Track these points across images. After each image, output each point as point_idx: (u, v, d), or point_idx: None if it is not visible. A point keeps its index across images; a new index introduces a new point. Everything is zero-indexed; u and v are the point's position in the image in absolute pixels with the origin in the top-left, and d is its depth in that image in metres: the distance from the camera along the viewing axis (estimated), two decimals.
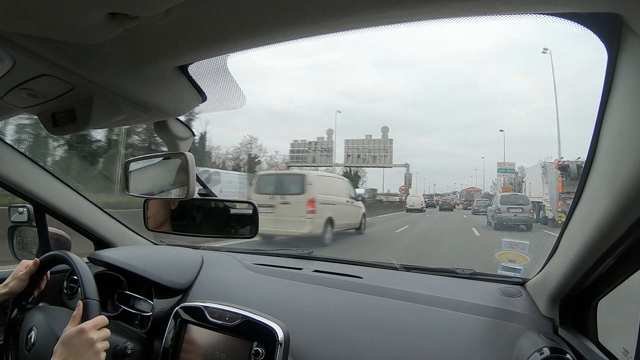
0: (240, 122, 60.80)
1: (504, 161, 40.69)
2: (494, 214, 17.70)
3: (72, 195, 2.15)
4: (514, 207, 17.27)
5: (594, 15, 0.74)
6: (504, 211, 17.19)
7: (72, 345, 1.25)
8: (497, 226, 16.90)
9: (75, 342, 1.26)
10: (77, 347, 1.25)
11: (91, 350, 1.27)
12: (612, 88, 0.85)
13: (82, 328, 1.29)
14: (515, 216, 16.98)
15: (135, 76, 1.02)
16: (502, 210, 17.27)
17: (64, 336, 1.28)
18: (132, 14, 0.72)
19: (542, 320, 1.44)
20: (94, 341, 1.29)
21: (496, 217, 17.33)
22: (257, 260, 2.23)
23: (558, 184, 17.44)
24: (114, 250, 2.10)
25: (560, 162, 17.77)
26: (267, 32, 0.83)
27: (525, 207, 17.44)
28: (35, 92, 1.08)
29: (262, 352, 1.43)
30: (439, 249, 12.17)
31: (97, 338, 1.30)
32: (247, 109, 34.62)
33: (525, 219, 17.00)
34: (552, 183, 18.13)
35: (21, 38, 0.81)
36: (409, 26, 0.78)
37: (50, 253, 1.65)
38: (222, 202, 1.80)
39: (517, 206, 17.35)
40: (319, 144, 40.67)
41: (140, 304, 1.85)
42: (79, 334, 1.27)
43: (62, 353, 1.24)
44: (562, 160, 17.81)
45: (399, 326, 1.51)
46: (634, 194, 0.81)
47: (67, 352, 1.24)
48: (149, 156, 1.67)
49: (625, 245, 0.97)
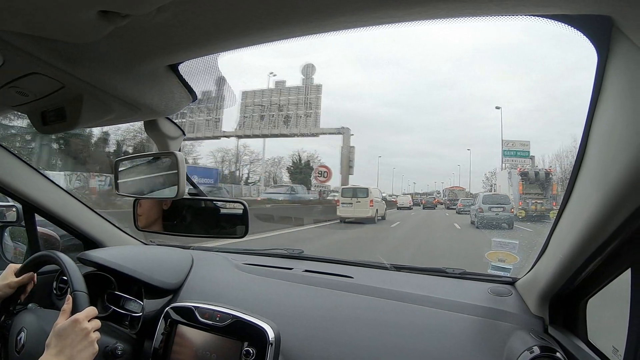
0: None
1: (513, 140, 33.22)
2: (477, 212, 18.73)
3: (62, 194, 2.13)
4: (496, 207, 18.24)
5: (585, 17, 0.74)
6: (486, 210, 18.16)
7: (66, 336, 1.25)
8: (479, 225, 17.73)
9: (69, 333, 1.25)
10: (71, 338, 1.25)
11: (86, 340, 1.27)
12: (602, 89, 0.86)
13: (75, 319, 1.28)
14: (497, 215, 17.81)
15: (125, 75, 1.01)
16: (485, 209, 18.26)
17: (56, 329, 1.27)
18: (123, 12, 0.71)
19: (532, 319, 1.45)
20: (89, 331, 1.28)
21: (479, 216, 18.25)
22: (248, 260, 2.22)
23: (519, 187, 21.71)
24: (104, 251, 2.08)
25: (521, 169, 23.21)
26: (259, 31, 0.83)
27: (506, 206, 18.48)
28: (24, 91, 1.07)
29: (253, 352, 1.42)
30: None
31: (90, 328, 1.29)
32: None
33: (507, 218, 17.77)
34: (515, 186, 22.08)
35: (11, 36, 0.80)
36: (400, 26, 0.78)
37: (37, 254, 1.62)
38: (212, 202, 1.80)
39: (499, 205, 18.33)
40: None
41: (130, 304, 1.83)
42: (73, 325, 1.27)
43: (57, 345, 1.23)
44: (523, 168, 23.76)
45: (390, 326, 1.51)
46: (623, 194, 0.82)
47: (61, 343, 1.23)
48: (138, 155, 1.66)
49: (615, 245, 0.98)
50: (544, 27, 0.76)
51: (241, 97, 25.75)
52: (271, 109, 26.02)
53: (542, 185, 22.00)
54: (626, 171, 0.78)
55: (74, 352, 1.23)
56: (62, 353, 1.22)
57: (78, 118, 1.11)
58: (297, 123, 26.39)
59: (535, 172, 22.45)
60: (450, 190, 50.25)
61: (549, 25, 0.76)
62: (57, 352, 1.22)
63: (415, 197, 54.46)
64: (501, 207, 18.17)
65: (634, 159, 0.75)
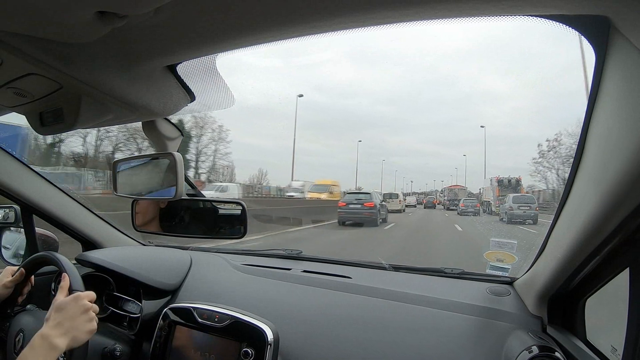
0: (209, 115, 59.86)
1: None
2: (507, 211, 22.12)
3: (60, 195, 2.13)
4: (523, 205, 21.65)
5: (583, 17, 0.74)
6: (516, 209, 21.57)
7: (67, 310, 1.24)
8: (508, 221, 21.07)
9: (70, 307, 1.25)
10: (71, 312, 1.24)
11: (86, 316, 1.26)
12: (600, 89, 0.86)
13: (77, 295, 1.29)
14: (524, 212, 21.13)
15: (123, 75, 1.01)
16: (514, 207, 21.67)
17: (56, 303, 1.26)
18: (121, 13, 0.71)
19: (530, 318, 1.45)
20: (89, 307, 1.28)
21: (509, 214, 21.63)
22: (246, 260, 2.22)
23: (497, 190, 30.37)
24: (102, 251, 2.07)
25: (498, 178, 31.66)
26: (257, 31, 0.83)
27: (532, 205, 21.82)
28: (22, 91, 1.07)
29: (252, 353, 1.42)
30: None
31: (90, 306, 1.29)
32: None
33: (533, 215, 20.92)
34: (494, 190, 31.15)
35: (9, 36, 0.80)
36: (398, 27, 0.78)
37: (35, 255, 1.61)
38: (210, 203, 1.80)
39: (526, 204, 21.73)
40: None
41: (128, 305, 1.83)
42: (74, 300, 1.27)
43: (56, 318, 1.23)
44: (499, 177, 31.77)
45: (388, 326, 1.51)
46: (621, 194, 0.82)
47: (61, 316, 1.23)
48: (137, 156, 1.67)
49: (613, 244, 0.98)
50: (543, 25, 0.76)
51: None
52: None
53: (514, 188, 29.90)
54: (624, 170, 0.78)
55: (73, 325, 1.23)
56: (61, 325, 1.21)
57: (76, 119, 1.11)
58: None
59: (508, 179, 31.44)
60: (450, 190, 49.94)
61: (547, 25, 0.76)
62: (55, 325, 1.21)
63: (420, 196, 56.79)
64: (528, 206, 21.53)
65: (631, 158, 0.75)
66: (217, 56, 1.05)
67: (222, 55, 1.04)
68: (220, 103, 1.30)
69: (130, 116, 1.22)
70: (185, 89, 1.18)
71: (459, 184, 54.62)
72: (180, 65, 1.08)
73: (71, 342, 1.21)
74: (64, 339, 1.19)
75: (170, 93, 1.16)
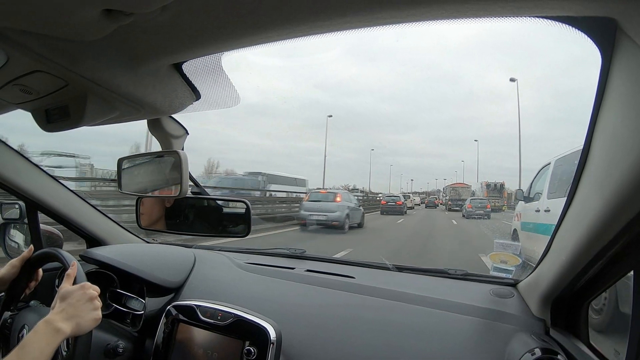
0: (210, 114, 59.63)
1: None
2: (466, 209, 28.04)
3: (65, 192, 2.14)
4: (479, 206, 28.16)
5: (589, 19, 0.74)
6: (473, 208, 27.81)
7: (72, 298, 1.25)
8: (468, 216, 26.63)
9: (76, 295, 1.26)
10: (77, 300, 1.25)
11: (91, 305, 1.27)
12: (606, 91, 0.86)
13: (83, 284, 1.30)
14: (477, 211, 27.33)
15: (129, 73, 1.02)
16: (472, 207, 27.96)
17: (62, 291, 1.27)
18: (127, 11, 0.72)
19: (533, 321, 1.45)
20: (94, 296, 1.29)
21: (467, 211, 27.17)
22: (250, 259, 2.22)
23: (485, 193, 38.09)
24: (106, 248, 2.08)
25: (486, 183, 39.93)
26: (263, 30, 0.83)
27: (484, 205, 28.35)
28: (28, 88, 1.07)
29: (254, 352, 1.42)
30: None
31: (96, 295, 1.31)
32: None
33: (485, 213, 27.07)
34: (483, 192, 38.33)
35: (16, 34, 0.81)
36: (403, 27, 0.78)
37: (40, 251, 1.62)
38: (215, 201, 1.80)
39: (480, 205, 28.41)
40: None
41: (132, 302, 1.84)
42: (80, 288, 1.28)
43: (61, 304, 1.23)
44: (487, 182, 40.00)
45: (391, 326, 1.51)
46: (625, 197, 0.82)
47: (65, 303, 1.24)
48: (142, 154, 1.67)
49: (617, 248, 0.98)
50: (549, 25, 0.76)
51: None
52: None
53: (498, 191, 38.73)
54: (630, 173, 0.78)
55: (77, 312, 1.23)
56: (66, 312, 1.22)
57: (82, 116, 1.11)
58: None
59: (494, 184, 39.96)
60: (453, 188, 49.30)
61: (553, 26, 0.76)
62: (60, 311, 1.22)
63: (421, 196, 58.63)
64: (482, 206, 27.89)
65: (637, 161, 0.75)
66: (223, 55, 1.05)
67: (227, 54, 1.04)
68: (225, 101, 1.30)
69: (135, 114, 1.22)
70: (191, 87, 1.18)
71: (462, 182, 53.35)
72: (186, 63, 1.08)
73: (75, 328, 1.21)
74: (68, 324, 1.20)
75: (176, 91, 1.16)
